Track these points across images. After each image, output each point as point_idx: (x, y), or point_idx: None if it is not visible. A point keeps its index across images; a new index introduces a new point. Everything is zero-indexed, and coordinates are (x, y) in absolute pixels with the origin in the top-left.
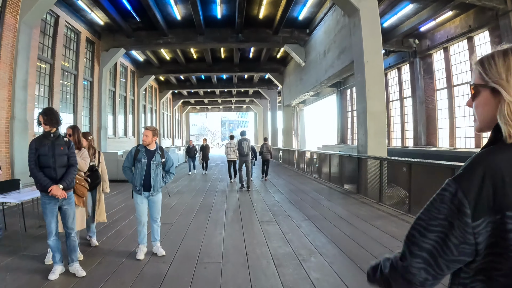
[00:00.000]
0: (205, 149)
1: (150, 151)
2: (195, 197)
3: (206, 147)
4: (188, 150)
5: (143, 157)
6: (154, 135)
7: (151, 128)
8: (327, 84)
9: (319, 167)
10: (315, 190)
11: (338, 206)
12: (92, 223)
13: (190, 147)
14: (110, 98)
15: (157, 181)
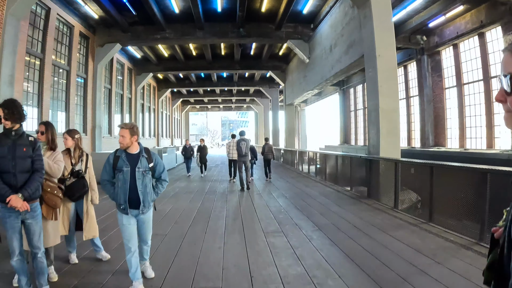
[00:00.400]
0: (203, 150)
1: (133, 156)
2: (193, 202)
3: (204, 148)
4: (184, 150)
5: (125, 164)
6: (132, 134)
7: (128, 126)
8: (332, 81)
9: (324, 169)
10: (322, 193)
11: (350, 213)
12: (72, 239)
13: (186, 147)
14: (105, 96)
15: (147, 194)
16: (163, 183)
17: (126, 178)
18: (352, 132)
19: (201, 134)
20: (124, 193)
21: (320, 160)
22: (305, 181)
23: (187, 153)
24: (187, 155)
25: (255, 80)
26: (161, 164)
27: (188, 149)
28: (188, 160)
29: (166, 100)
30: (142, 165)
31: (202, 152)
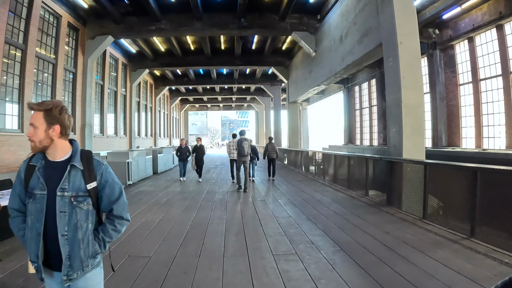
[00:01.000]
0: (199, 151)
1: (56, 167)
2: (187, 211)
3: (200, 148)
4: (178, 151)
5: (39, 184)
6: (51, 122)
7: (43, 106)
8: (342, 75)
9: (334, 171)
10: (335, 200)
11: (373, 226)
12: None
13: (181, 147)
14: (97, 93)
15: (79, 244)
16: (117, 223)
17: (39, 211)
18: (357, 132)
19: (200, 134)
20: (36, 240)
21: (328, 161)
22: (313, 185)
23: (182, 154)
24: (182, 157)
25: (256, 77)
26: (114, 186)
27: (184, 150)
28: (183, 163)
29: (164, 99)
30: (71, 185)
31: (198, 153)
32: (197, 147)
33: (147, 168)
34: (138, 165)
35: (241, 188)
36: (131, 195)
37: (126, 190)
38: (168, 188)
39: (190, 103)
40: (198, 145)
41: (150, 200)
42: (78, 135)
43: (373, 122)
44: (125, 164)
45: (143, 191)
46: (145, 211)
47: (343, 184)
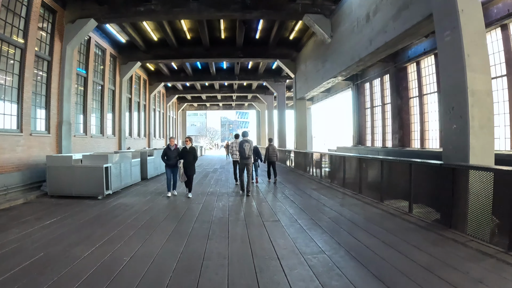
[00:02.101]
0: (188, 155)
1: None
2: (173, 240)
3: (191, 152)
4: (165, 153)
5: None
6: None
7: None
8: (367, 63)
9: (359, 178)
10: (370, 218)
11: (451, 268)
12: None
13: (170, 149)
14: (79, 85)
15: None
16: None
17: None
18: (368, 132)
19: (200, 135)
20: None
21: (350, 166)
22: (333, 195)
23: (170, 158)
24: (170, 162)
25: (259, 73)
26: None
27: (172, 153)
28: (171, 170)
29: (159, 96)
30: None
31: (188, 159)
32: (185, 151)
33: (134, 174)
34: (122, 170)
35: (243, 190)
36: (105, 211)
37: (101, 203)
38: (155, 199)
39: (188, 102)
40: (187, 148)
41: (127, 219)
42: (53, 134)
43: (386, 121)
44: (102, 170)
45: (123, 204)
46: (116, 238)
47: (373, 195)
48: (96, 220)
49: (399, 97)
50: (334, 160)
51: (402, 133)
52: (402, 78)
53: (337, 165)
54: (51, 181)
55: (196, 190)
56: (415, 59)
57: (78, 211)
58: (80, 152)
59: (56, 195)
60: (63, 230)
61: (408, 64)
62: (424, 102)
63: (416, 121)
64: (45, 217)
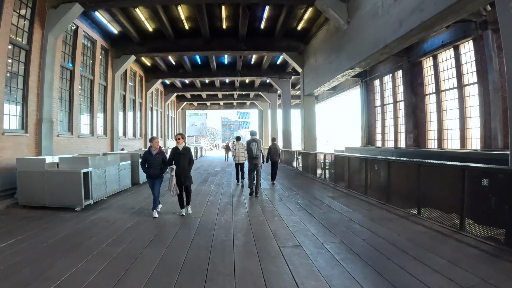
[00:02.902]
0: (181, 159)
1: None
2: (155, 284)
3: (184, 154)
4: (145, 159)
5: None
6: None
7: None
8: (394, 49)
9: (386, 185)
10: (417, 241)
11: None
12: None
13: (151, 153)
14: (64, 80)
15: None
16: None
17: None
18: (378, 132)
19: (200, 135)
20: None
21: (373, 170)
22: (357, 205)
23: (151, 166)
24: (152, 171)
25: (262, 68)
26: None
27: (155, 159)
28: (154, 182)
29: (157, 94)
30: None
31: (181, 164)
32: (177, 153)
33: (123, 179)
34: (107, 176)
35: (252, 193)
36: (79, 228)
37: (77, 217)
38: (143, 212)
39: (188, 101)
40: (179, 149)
41: (103, 242)
42: (31, 133)
43: (398, 120)
44: (80, 176)
45: (102, 219)
46: (78, 276)
47: (405, 206)
48: (63, 243)
49: (414, 94)
50: (353, 163)
51: (417, 133)
52: (417, 74)
53: (357, 169)
54: (22, 188)
55: (193, 199)
56: (431, 52)
57: (46, 228)
58: (65, 154)
59: (28, 205)
60: (16, 260)
61: (424, 59)
62: (442, 99)
63: (433, 119)
64: (3, 236)
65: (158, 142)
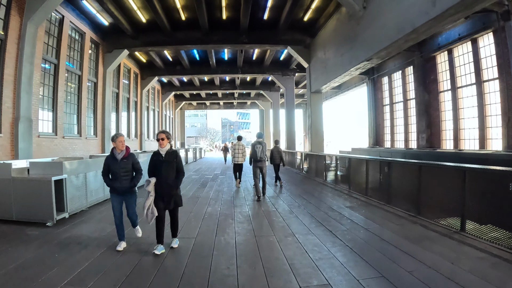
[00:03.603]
0: (164, 167)
1: None
2: None
3: (168, 161)
4: (107, 169)
5: None
6: None
7: None
8: (421, 35)
9: (416, 194)
10: (475, 272)
11: None
12: None
13: (114, 157)
14: (47, 74)
15: None
16: None
17: None
18: (387, 132)
19: (200, 136)
20: None
21: (398, 176)
22: (383, 218)
23: (116, 176)
24: (118, 184)
25: (264, 65)
26: None
27: (120, 166)
28: (121, 200)
29: (154, 93)
30: None
31: (163, 175)
32: (158, 160)
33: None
34: (88, 183)
35: (259, 198)
36: (41, 253)
37: (46, 235)
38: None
39: (186, 100)
40: (161, 154)
41: (62, 280)
42: (6, 133)
43: (409, 119)
44: (50, 184)
45: (74, 239)
46: None
47: (448, 220)
48: (14, 276)
49: (426, 91)
50: (372, 166)
51: (430, 133)
52: (430, 70)
53: (377, 174)
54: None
55: (188, 210)
56: (446, 46)
57: (3, 252)
58: (47, 157)
59: None
60: None
61: (438, 53)
62: (458, 96)
63: (448, 118)
64: None
65: (124, 141)
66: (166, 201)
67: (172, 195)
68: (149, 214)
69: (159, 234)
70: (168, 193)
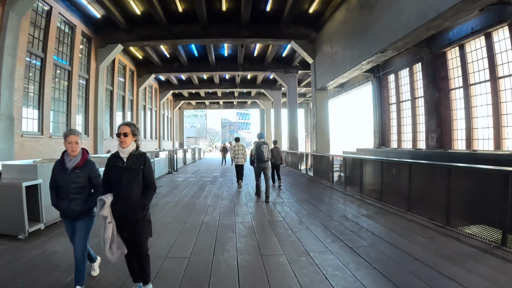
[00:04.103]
0: (123, 179)
1: None
2: None
3: (130, 172)
4: (53, 180)
5: None
6: None
7: None
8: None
9: (445, 201)
10: None
11: None
12: None
13: (66, 167)
14: (33, 69)
15: None
16: None
17: None
18: (393, 132)
19: (199, 136)
20: None
21: (422, 179)
22: (406, 229)
23: (64, 192)
24: (66, 204)
25: (266, 62)
26: None
27: (73, 178)
28: (75, 227)
29: (151, 92)
30: None
31: (123, 190)
32: (116, 166)
33: None
34: None
35: (264, 198)
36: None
37: (14, 251)
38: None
39: (185, 99)
40: (121, 160)
41: None
42: None
43: (417, 118)
44: (21, 191)
45: (46, 256)
46: None
47: (486, 232)
48: None
49: (436, 89)
50: (389, 169)
51: (441, 132)
52: (440, 66)
53: (395, 177)
54: None
55: (182, 219)
56: (458, 42)
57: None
58: (32, 158)
59: None
60: None
61: (448, 49)
62: (471, 93)
63: (460, 117)
64: None
65: (79, 142)
66: (125, 229)
67: (136, 220)
68: (115, 250)
69: (132, 271)
70: (132, 217)
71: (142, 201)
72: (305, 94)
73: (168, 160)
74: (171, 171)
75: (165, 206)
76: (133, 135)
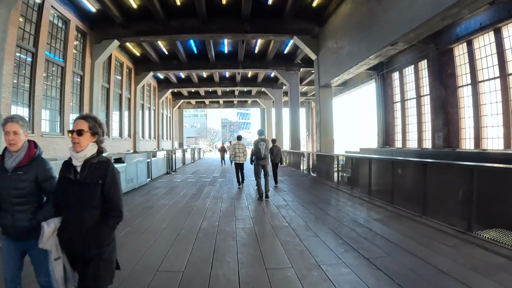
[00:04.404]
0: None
1: None
2: None
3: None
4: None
5: None
6: None
7: None
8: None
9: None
10: None
11: None
12: None
13: (6, 170)
14: (23, 64)
15: None
16: None
17: None
18: (398, 131)
19: (199, 136)
20: None
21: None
22: (428, 237)
23: (4, 207)
24: (9, 220)
25: (267, 59)
26: None
27: (15, 181)
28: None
29: (150, 90)
30: None
31: (78, 211)
32: (66, 176)
33: None
34: None
35: (261, 197)
36: None
37: None
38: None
39: (185, 99)
40: (74, 169)
41: None
42: None
43: (423, 117)
44: None
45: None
46: None
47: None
48: None
49: (443, 86)
50: (400, 169)
51: (448, 131)
52: (447, 63)
53: (407, 178)
54: None
55: (178, 225)
56: (465, 37)
57: None
58: None
59: None
60: None
61: (455, 45)
62: (480, 91)
63: (468, 115)
64: None
65: (21, 133)
66: (79, 268)
67: (89, 259)
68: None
69: None
70: (80, 254)
71: (96, 232)
72: (307, 93)
73: (166, 160)
74: (169, 172)
75: (161, 209)
76: (92, 134)
